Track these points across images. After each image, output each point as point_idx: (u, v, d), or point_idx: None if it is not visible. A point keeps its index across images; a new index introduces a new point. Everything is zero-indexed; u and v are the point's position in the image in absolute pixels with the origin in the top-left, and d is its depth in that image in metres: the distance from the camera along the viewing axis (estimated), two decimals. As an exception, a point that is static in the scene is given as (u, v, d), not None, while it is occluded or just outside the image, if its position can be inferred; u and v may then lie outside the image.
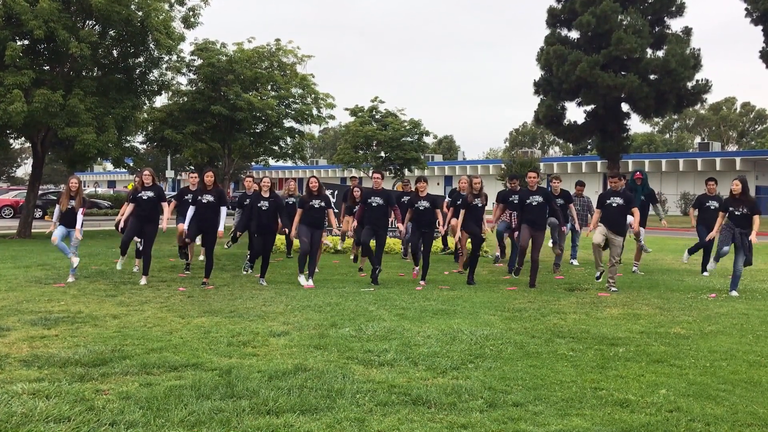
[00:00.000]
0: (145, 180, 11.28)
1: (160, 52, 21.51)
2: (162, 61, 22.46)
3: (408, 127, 42.23)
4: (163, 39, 20.29)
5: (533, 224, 11.05)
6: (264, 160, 30.72)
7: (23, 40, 19.41)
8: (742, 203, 10.15)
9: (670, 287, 10.98)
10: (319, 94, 28.00)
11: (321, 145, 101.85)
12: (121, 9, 19.26)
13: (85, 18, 20.30)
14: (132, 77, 22.01)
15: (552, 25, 41.79)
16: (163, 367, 5.70)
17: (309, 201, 10.96)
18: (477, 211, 11.34)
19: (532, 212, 11.08)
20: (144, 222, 11.10)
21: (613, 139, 40.55)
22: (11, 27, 18.67)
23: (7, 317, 7.77)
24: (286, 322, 7.73)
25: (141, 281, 10.95)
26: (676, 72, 37.21)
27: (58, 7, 18.56)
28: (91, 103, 19.42)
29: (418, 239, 11.35)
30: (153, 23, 19.94)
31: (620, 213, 10.63)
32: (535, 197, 11.11)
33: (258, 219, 10.96)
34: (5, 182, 66.32)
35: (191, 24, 22.46)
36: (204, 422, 4.42)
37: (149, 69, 22.35)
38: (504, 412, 4.73)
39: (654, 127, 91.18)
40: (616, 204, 10.61)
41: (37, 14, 18.07)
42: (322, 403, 4.82)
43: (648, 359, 6.22)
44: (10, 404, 4.66)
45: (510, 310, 8.65)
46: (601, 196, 10.91)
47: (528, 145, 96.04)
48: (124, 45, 21.22)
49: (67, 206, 11.08)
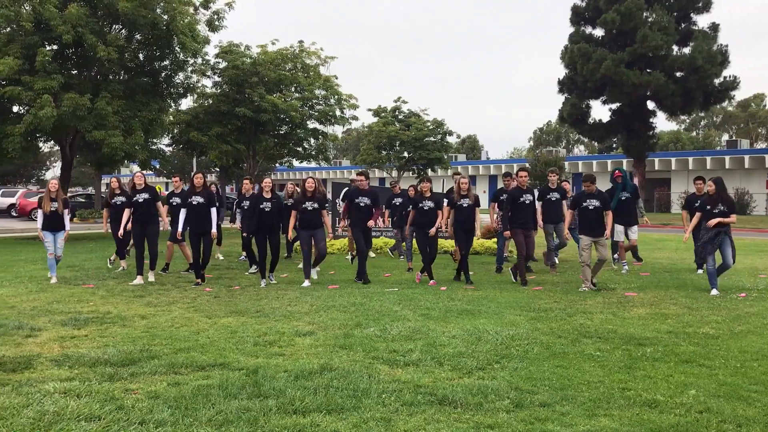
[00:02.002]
0: (137, 182, 11.44)
1: (185, 55, 21.76)
2: (187, 64, 22.74)
3: (431, 126, 42.14)
4: (188, 42, 20.52)
5: (524, 226, 11.22)
6: (288, 162, 30.90)
7: (52, 45, 19.76)
8: (719, 202, 10.17)
9: (698, 286, 10.83)
10: (342, 95, 28.10)
11: (344, 145, 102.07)
12: (147, 13, 19.52)
13: (111, 22, 20.62)
14: (158, 80, 22.30)
15: (576, 23, 41.44)
16: (190, 366, 5.76)
17: (303, 203, 11.04)
18: (464, 212, 11.26)
19: (523, 212, 11.20)
20: (143, 224, 11.31)
21: (638, 137, 40.10)
22: (41, 32, 19.02)
23: (39, 317, 7.91)
24: (312, 321, 7.77)
25: (149, 277, 11.19)
26: (702, 69, 36.69)
27: (85, 12, 18.87)
28: (118, 106, 19.70)
29: (423, 240, 11.35)
30: (178, 27, 20.17)
31: (597, 215, 10.63)
32: (527, 196, 11.23)
33: (261, 220, 11.04)
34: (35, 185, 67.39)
35: (216, 27, 22.70)
36: (231, 421, 4.46)
37: (175, 72, 22.63)
38: (531, 412, 4.71)
39: (680, 125, 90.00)
40: (593, 206, 10.61)
41: (66, 19, 18.38)
42: (348, 403, 4.83)
43: (676, 359, 6.15)
44: (43, 403, 4.74)
45: (536, 310, 8.60)
46: (575, 199, 10.91)
47: (552, 144, 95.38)
48: (150, 48, 21.51)
49: (50, 209, 11.13)
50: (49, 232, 11.16)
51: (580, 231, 10.84)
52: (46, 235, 11.13)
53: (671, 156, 55.57)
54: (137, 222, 11.36)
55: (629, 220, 12.91)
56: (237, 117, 25.63)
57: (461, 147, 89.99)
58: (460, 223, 11.30)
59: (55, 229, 11.20)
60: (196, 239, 11.02)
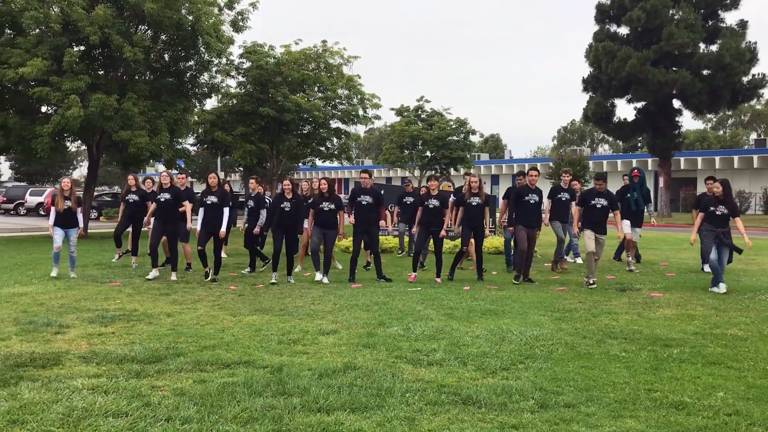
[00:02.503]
0: (162, 182, 11.62)
1: (210, 56, 21.93)
2: (212, 64, 22.92)
3: (454, 126, 42.05)
4: (213, 42, 20.69)
5: (527, 224, 11.26)
6: (311, 161, 31.01)
7: (80, 46, 20.03)
8: (722, 204, 10.26)
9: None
10: (365, 95, 28.14)
11: (366, 145, 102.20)
12: (173, 14, 19.71)
13: (138, 23, 20.85)
14: (183, 80, 22.50)
15: (601, 21, 41.09)
16: (215, 364, 5.81)
17: (319, 203, 11.24)
18: (473, 210, 11.34)
19: (527, 210, 11.26)
20: (165, 223, 11.49)
21: (664, 136, 39.66)
22: (69, 34, 19.28)
23: (67, 315, 8.02)
24: (335, 320, 7.80)
25: (171, 276, 11.34)
26: (730, 66, 36.18)
27: (112, 13, 19.10)
28: (144, 107, 19.93)
29: (425, 238, 11.44)
30: (203, 27, 20.35)
31: (604, 214, 10.84)
32: (533, 196, 11.26)
33: (281, 219, 11.15)
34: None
35: (240, 27, 22.85)
36: (257, 419, 4.49)
37: (199, 72, 22.83)
38: (555, 413, 4.68)
39: (707, 124, 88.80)
40: (601, 205, 10.85)
41: (93, 21, 18.62)
42: (372, 402, 4.84)
43: (704, 361, 6.07)
44: (71, 399, 4.81)
45: (560, 311, 8.55)
46: (584, 196, 11.08)
47: (576, 143, 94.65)
48: (175, 49, 21.72)
49: (63, 207, 11.36)
50: (61, 229, 11.44)
51: (585, 225, 10.99)
52: (56, 230, 11.43)
53: (697, 155, 54.85)
54: (159, 219, 11.59)
55: (637, 221, 12.94)
56: (261, 117, 25.78)
57: (484, 146, 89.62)
58: (468, 221, 11.40)
59: (67, 226, 11.46)
60: (208, 238, 11.25)
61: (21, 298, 9.19)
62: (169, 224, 11.47)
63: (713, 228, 10.31)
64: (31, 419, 4.43)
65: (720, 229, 10.22)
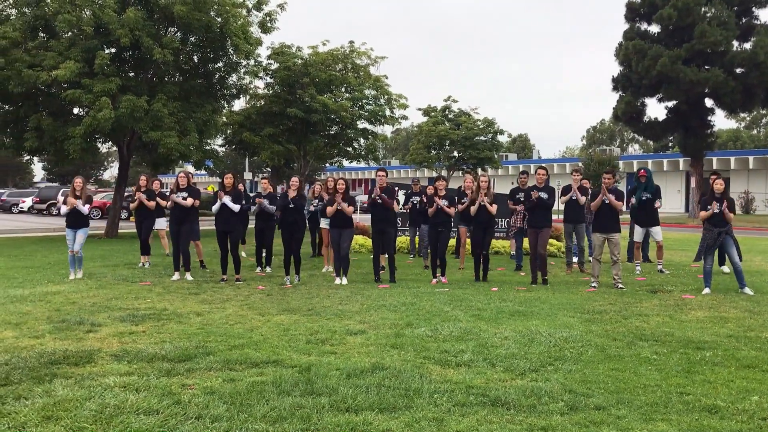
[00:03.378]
0: (180, 182, 11.74)
1: (238, 57, 22.11)
2: (240, 65, 23.10)
3: (481, 126, 41.81)
4: (241, 44, 20.85)
5: (534, 224, 11.23)
6: (338, 161, 31.09)
7: (110, 48, 20.32)
8: (721, 202, 10.12)
9: (760, 289, 10.50)
10: (392, 95, 28.13)
11: (393, 145, 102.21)
12: (202, 16, 19.91)
13: (167, 25, 21.10)
14: (212, 82, 22.72)
15: (631, 20, 40.56)
16: (245, 363, 5.85)
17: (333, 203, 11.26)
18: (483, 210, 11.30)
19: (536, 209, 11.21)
20: (179, 223, 11.58)
21: (696, 135, 39.02)
22: (100, 36, 19.57)
23: (98, 313, 8.15)
24: (363, 321, 7.80)
25: (186, 276, 11.43)
26: (764, 65, 35.45)
27: (143, 15, 19.35)
28: (173, 108, 20.15)
29: (435, 238, 11.48)
30: (232, 29, 20.52)
31: (611, 211, 10.70)
32: (540, 194, 11.16)
33: (286, 216, 11.23)
34: (93, 185, 69.50)
35: (268, 29, 23.00)
36: (285, 418, 4.51)
37: (228, 73, 23.03)
38: (585, 415, 4.63)
39: (740, 123, 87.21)
40: (608, 201, 10.68)
41: (124, 23, 18.89)
42: (400, 402, 4.83)
43: (737, 364, 5.96)
44: (104, 396, 4.88)
45: (589, 312, 8.46)
46: (594, 194, 11.00)
47: (606, 142, 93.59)
48: (204, 51, 21.93)
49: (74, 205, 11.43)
50: (71, 229, 11.52)
51: (594, 228, 10.92)
52: (67, 233, 11.55)
53: (730, 155, 53.87)
54: (173, 221, 11.74)
55: (650, 221, 12.68)
56: (288, 117, 25.91)
57: (512, 146, 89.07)
58: (479, 222, 11.38)
59: (76, 225, 11.52)
60: (224, 237, 11.31)
61: (54, 297, 9.35)
62: (183, 224, 11.58)
63: (712, 227, 10.16)
64: (64, 416, 4.50)
65: (719, 228, 10.10)
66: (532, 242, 11.25)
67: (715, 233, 10.13)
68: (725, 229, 10.12)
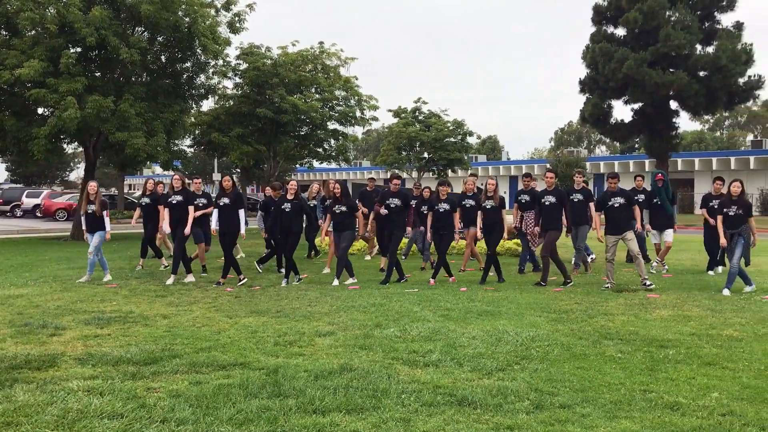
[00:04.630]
0: (174, 185, 11.63)
1: (206, 57, 21.94)
2: (209, 65, 22.93)
3: (451, 127, 42.07)
4: (209, 44, 20.70)
5: (543, 226, 11.34)
6: (308, 162, 31.01)
7: (76, 47, 20.01)
8: (737, 204, 10.27)
9: (722, 288, 10.70)
10: (362, 96, 28.17)
11: (364, 146, 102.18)
12: (169, 15, 19.70)
13: (134, 25, 20.84)
14: (179, 82, 22.50)
15: (598, 23, 41.09)
16: (211, 366, 5.81)
17: (332, 207, 11.39)
18: (488, 213, 11.47)
19: (544, 213, 11.34)
20: (174, 226, 11.48)
21: (661, 137, 39.66)
22: (65, 35, 19.26)
23: (63, 317, 8.02)
24: (332, 322, 7.80)
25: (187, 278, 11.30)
26: (726, 68, 36.19)
27: (109, 14, 19.10)
28: (140, 108, 19.91)
29: (438, 241, 11.58)
30: (200, 29, 20.35)
31: (623, 212, 10.75)
32: (549, 197, 11.29)
33: (281, 221, 11.19)
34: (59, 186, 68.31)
35: (237, 29, 22.86)
36: (252, 420, 4.49)
37: (196, 74, 22.83)
38: (551, 413, 4.69)
39: (704, 125, 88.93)
40: (618, 204, 10.75)
41: (89, 22, 18.61)
42: (367, 403, 4.84)
43: (699, 362, 6.08)
44: (67, 400, 4.81)
45: (556, 312, 8.56)
46: (600, 200, 10.98)
47: (574, 144, 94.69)
48: (171, 50, 21.71)
49: (87, 210, 11.38)
50: (90, 234, 11.47)
51: (607, 231, 10.88)
52: (88, 238, 11.47)
53: (695, 156, 54.90)
54: (171, 224, 11.64)
55: (666, 224, 12.89)
56: (258, 118, 25.79)
57: (482, 148, 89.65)
58: (484, 225, 11.52)
59: (91, 230, 11.46)
60: (221, 239, 11.28)
61: (17, 300, 9.18)
62: (179, 227, 11.45)
63: (725, 229, 10.34)
64: (25, 421, 4.42)
65: (732, 230, 10.26)
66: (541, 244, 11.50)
67: (728, 235, 10.30)
68: (738, 230, 10.25)
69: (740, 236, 10.26)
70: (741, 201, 10.31)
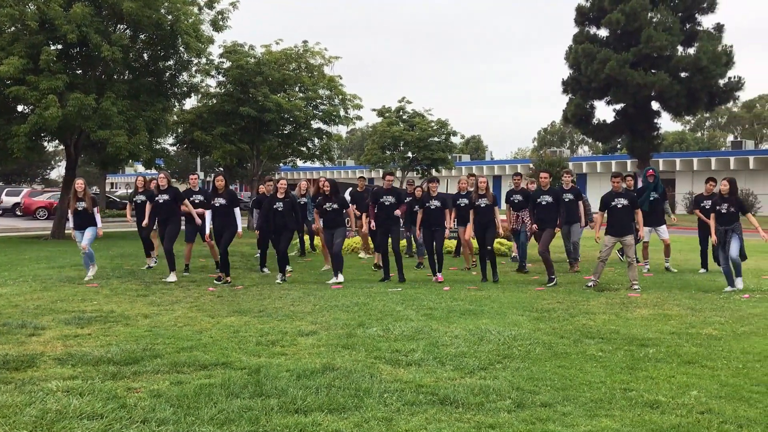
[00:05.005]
0: (160, 183, 11.58)
1: (189, 55, 21.79)
2: (191, 63, 22.78)
3: (435, 127, 42.11)
4: (192, 42, 20.55)
5: (540, 223, 11.37)
6: (292, 161, 30.89)
7: (57, 44, 19.79)
8: (728, 202, 10.37)
9: (702, 287, 10.82)
10: (346, 95, 28.07)
11: (348, 145, 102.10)
12: (152, 13, 19.54)
13: (116, 22, 20.65)
14: (162, 80, 22.33)
15: (580, 24, 41.38)
16: (193, 365, 5.77)
17: (323, 204, 11.43)
18: (482, 211, 11.53)
19: (540, 211, 11.38)
20: (163, 224, 11.41)
21: (643, 138, 40.02)
22: (45, 32, 19.04)
23: (42, 316, 7.93)
24: (314, 321, 7.78)
25: (169, 278, 11.20)
26: (707, 69, 36.59)
27: (90, 11, 18.89)
28: (122, 106, 19.74)
29: (430, 238, 11.63)
30: (182, 27, 20.20)
31: (626, 214, 10.69)
32: (545, 197, 11.35)
33: (274, 219, 11.21)
34: (40, 184, 67.60)
35: (220, 27, 22.71)
36: (233, 420, 4.48)
37: (179, 72, 22.68)
38: (532, 412, 4.71)
39: (685, 126, 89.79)
40: (621, 205, 10.67)
41: (71, 19, 18.40)
42: (349, 402, 4.84)
43: (679, 360, 6.14)
44: (45, 401, 4.76)
45: (538, 311, 8.60)
46: (605, 199, 10.92)
47: (556, 144, 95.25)
48: (154, 48, 21.54)
49: (76, 207, 11.29)
50: (78, 231, 11.39)
51: (607, 231, 10.85)
52: (76, 234, 11.40)
53: (676, 157, 55.46)
54: (159, 222, 11.60)
55: (657, 221, 13.00)
56: (241, 117, 25.64)
57: (465, 147, 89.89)
58: (477, 223, 11.60)
59: (82, 227, 11.39)
60: (217, 239, 11.27)
61: (-5, 300, 9.07)
62: (169, 224, 11.40)
63: (719, 226, 10.43)
64: (3, 422, 4.37)
65: (725, 227, 10.35)
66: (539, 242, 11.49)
67: (722, 231, 10.38)
68: (732, 227, 10.35)
69: (734, 232, 10.36)
70: (732, 199, 10.39)
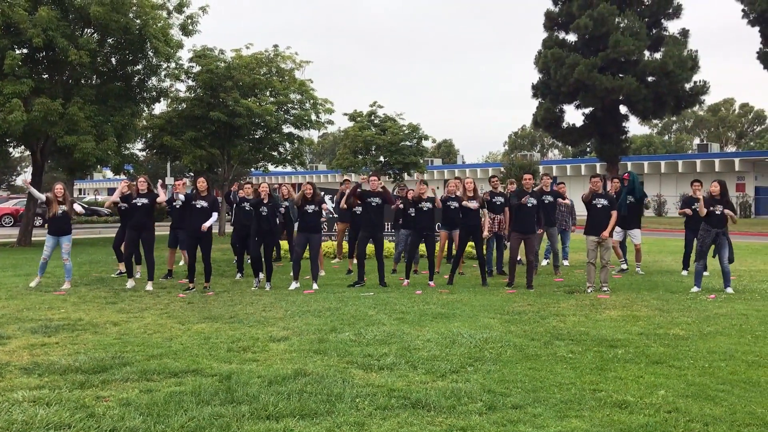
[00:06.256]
0: (140, 187, 11.40)
1: (158, 60, 21.57)
2: (160, 68, 22.53)
3: (407, 131, 42.20)
4: (161, 47, 20.36)
5: (523, 230, 11.22)
6: (263, 166, 30.73)
7: (22, 48, 19.47)
8: (721, 204, 10.49)
9: (670, 288, 11.00)
10: (317, 100, 28.01)
11: (320, 150, 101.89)
12: (120, 17, 19.31)
13: (83, 26, 20.36)
14: (131, 85, 22.08)
15: (550, 29, 41.82)
16: (163, 373, 5.71)
17: (303, 206, 11.24)
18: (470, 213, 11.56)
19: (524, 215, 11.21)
20: (139, 230, 11.23)
21: (611, 141, 40.55)
22: (10, 36, 18.73)
23: (8, 325, 7.78)
24: (286, 327, 7.75)
25: (147, 287, 11.07)
26: (674, 74, 37.21)
27: (56, 15, 18.62)
28: (90, 111, 19.47)
29: (418, 241, 11.60)
30: (151, 31, 20.01)
31: (605, 215, 10.76)
32: (530, 199, 11.30)
33: (258, 224, 11.10)
34: (5, 191, 66.35)
35: (189, 32, 22.54)
36: (204, 427, 4.44)
37: (148, 76, 22.42)
38: (503, 414, 4.75)
39: (653, 129, 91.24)
40: (601, 205, 10.79)
41: (36, 23, 18.13)
42: (321, 408, 4.83)
43: (647, 360, 6.24)
44: (11, 412, 4.67)
45: (509, 313, 8.67)
46: (587, 199, 10.99)
47: (527, 148, 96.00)
48: (122, 53, 21.29)
49: (57, 212, 11.10)
50: (53, 237, 11.18)
51: (586, 231, 10.89)
52: (48, 239, 11.20)
53: (644, 159, 56.25)
54: (132, 227, 11.31)
55: (631, 224, 13.09)
56: (211, 121, 25.43)
57: (437, 151, 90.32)
58: (463, 225, 11.64)
59: (60, 233, 11.19)
60: (194, 243, 11.10)
61: (-41, 309, 8.88)
62: (145, 231, 11.23)
63: (710, 228, 10.53)
64: (-33, 434, 4.29)
65: (717, 229, 10.47)
66: (514, 247, 11.27)
67: (713, 234, 10.47)
68: (723, 230, 10.48)
69: (724, 235, 10.50)
70: (724, 200, 10.52)
